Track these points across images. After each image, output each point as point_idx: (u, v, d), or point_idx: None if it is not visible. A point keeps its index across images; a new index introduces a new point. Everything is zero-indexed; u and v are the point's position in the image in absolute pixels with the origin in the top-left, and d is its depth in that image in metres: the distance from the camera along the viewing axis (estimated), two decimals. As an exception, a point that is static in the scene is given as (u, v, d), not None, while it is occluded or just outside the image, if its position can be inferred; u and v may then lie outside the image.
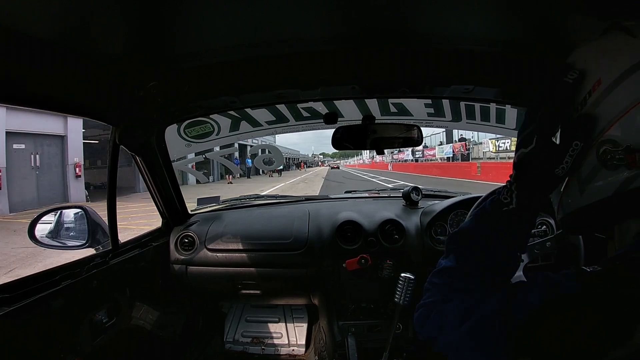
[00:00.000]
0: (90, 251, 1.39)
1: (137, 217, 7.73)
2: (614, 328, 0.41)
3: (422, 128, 1.45)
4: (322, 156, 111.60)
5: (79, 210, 1.50)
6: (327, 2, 0.79)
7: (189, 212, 1.95)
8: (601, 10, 0.70)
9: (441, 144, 25.17)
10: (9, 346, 0.89)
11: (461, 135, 21.41)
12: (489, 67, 1.14)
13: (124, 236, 1.50)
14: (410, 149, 21.37)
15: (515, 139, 0.63)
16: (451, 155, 22.47)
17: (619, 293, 0.43)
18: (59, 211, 1.49)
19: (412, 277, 1.37)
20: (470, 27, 0.93)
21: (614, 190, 0.50)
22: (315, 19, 0.87)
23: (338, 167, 53.75)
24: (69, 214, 1.50)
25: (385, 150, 1.60)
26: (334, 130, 1.50)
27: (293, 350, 2.13)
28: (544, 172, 0.56)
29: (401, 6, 0.82)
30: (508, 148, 16.18)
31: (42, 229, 1.42)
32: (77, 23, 0.76)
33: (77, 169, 12.92)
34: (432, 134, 25.20)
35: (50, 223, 1.45)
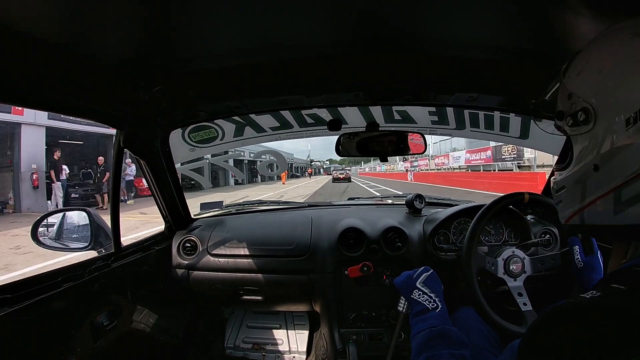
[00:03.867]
0: (93, 254, 1.39)
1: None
2: (623, 334, 0.40)
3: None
4: (328, 162, 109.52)
5: (82, 212, 1.50)
6: (331, 8, 0.80)
7: (192, 216, 1.95)
8: (607, 15, 0.69)
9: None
10: (9, 347, 0.88)
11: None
12: (493, 75, 1.14)
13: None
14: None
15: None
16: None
17: (628, 302, 0.43)
18: (62, 213, 1.50)
19: None
20: (474, 34, 0.94)
21: None
22: (319, 25, 0.88)
23: (349, 179, 31.20)
24: (72, 216, 1.51)
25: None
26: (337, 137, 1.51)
27: (294, 357, 2.10)
28: None
29: (405, 13, 0.82)
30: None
31: (45, 230, 1.43)
32: (83, 26, 0.77)
33: (35, 177, 10.66)
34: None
35: (53, 225, 1.46)
